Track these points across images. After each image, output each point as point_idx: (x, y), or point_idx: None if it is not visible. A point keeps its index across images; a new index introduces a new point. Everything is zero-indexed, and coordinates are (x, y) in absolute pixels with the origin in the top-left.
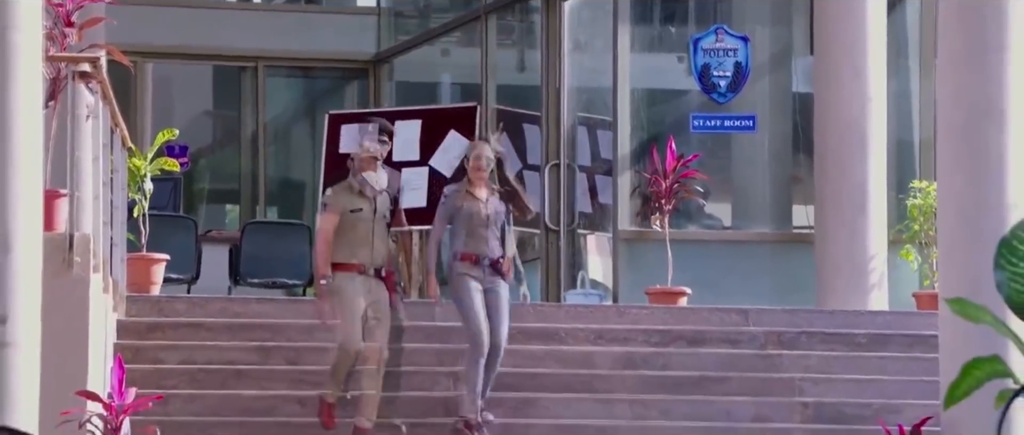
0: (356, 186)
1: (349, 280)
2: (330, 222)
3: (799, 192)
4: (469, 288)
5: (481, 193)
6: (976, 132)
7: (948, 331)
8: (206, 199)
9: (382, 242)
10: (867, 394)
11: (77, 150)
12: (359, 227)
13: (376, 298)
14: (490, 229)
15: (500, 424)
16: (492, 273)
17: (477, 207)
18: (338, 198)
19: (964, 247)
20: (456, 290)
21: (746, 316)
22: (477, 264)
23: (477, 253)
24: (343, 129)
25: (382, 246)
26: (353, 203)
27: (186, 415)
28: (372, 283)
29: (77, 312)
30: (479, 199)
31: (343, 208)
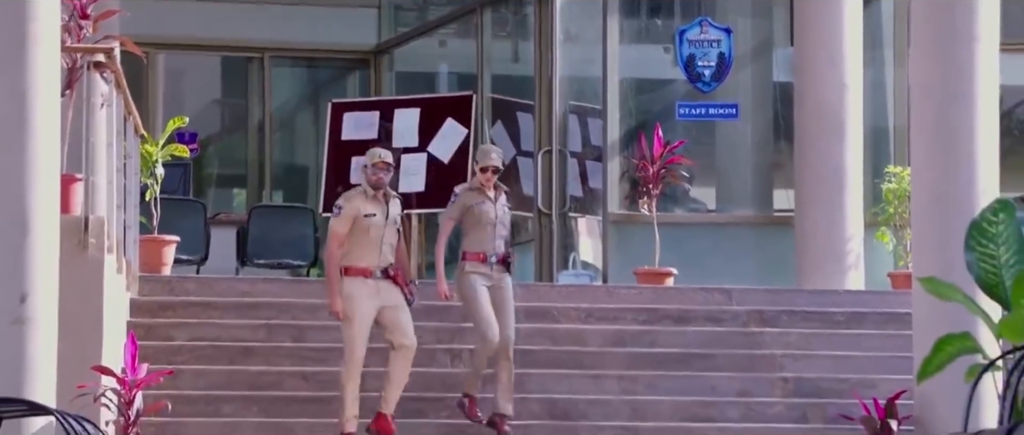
0: (369, 192)
1: (359, 285)
2: (344, 225)
3: (780, 177)
4: (477, 286)
5: (490, 194)
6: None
7: (921, 309)
8: (214, 183)
9: (391, 246)
10: (844, 369)
11: (92, 137)
12: (371, 232)
13: (388, 296)
14: (498, 228)
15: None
16: (499, 270)
17: (487, 206)
18: (352, 203)
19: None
20: (464, 288)
21: (729, 295)
22: (485, 262)
23: (485, 251)
24: (345, 117)
25: (390, 250)
26: (367, 208)
27: (195, 389)
28: (381, 284)
29: (92, 291)
30: (488, 199)
31: (357, 212)
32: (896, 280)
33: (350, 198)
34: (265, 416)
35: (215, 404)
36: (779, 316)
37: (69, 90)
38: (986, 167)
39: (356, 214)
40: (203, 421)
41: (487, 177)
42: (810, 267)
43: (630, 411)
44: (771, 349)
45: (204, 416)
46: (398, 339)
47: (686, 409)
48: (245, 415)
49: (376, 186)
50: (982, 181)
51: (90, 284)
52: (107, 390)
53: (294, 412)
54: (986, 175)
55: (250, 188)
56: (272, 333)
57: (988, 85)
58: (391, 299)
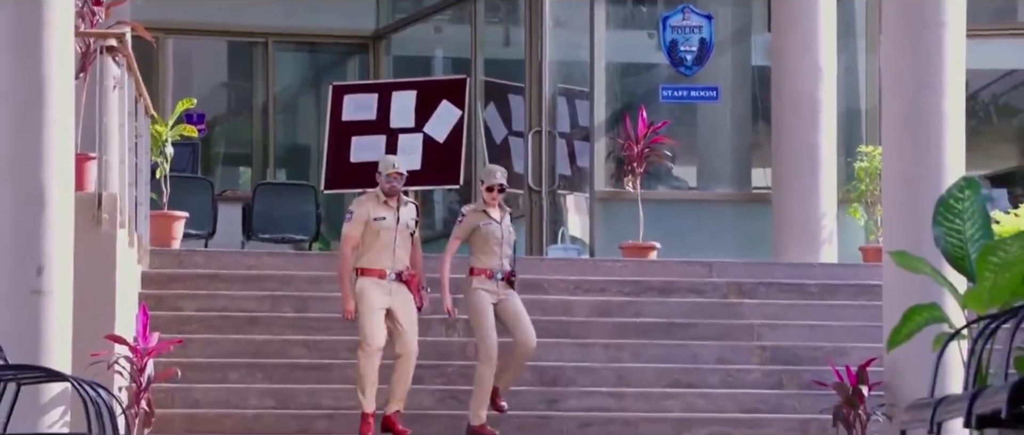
0: (381, 197)
1: (373, 284)
2: (356, 229)
3: (758, 156)
4: (483, 301)
5: (495, 213)
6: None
7: (891, 281)
8: (221, 162)
9: (404, 250)
10: (818, 338)
11: (105, 117)
12: (382, 235)
13: (399, 299)
14: (503, 247)
15: None
16: (505, 286)
17: (493, 227)
18: (364, 207)
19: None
20: (472, 301)
21: (710, 268)
22: (491, 279)
23: (491, 268)
24: (345, 99)
25: (404, 254)
26: (377, 212)
27: (204, 357)
28: (393, 286)
29: (105, 264)
30: (494, 219)
31: (368, 216)
32: (867, 254)
33: (362, 203)
34: (269, 382)
35: (222, 371)
36: (757, 288)
37: (83, 73)
38: (953, 147)
39: (367, 218)
40: (211, 387)
41: (493, 196)
42: (786, 241)
43: (616, 378)
44: (749, 319)
45: (212, 382)
46: (399, 347)
47: (669, 375)
48: (250, 382)
49: (390, 193)
50: (949, 160)
51: (103, 257)
52: (120, 358)
53: (297, 379)
54: (953, 154)
55: (255, 166)
56: (276, 304)
57: (955, 70)
58: (401, 304)
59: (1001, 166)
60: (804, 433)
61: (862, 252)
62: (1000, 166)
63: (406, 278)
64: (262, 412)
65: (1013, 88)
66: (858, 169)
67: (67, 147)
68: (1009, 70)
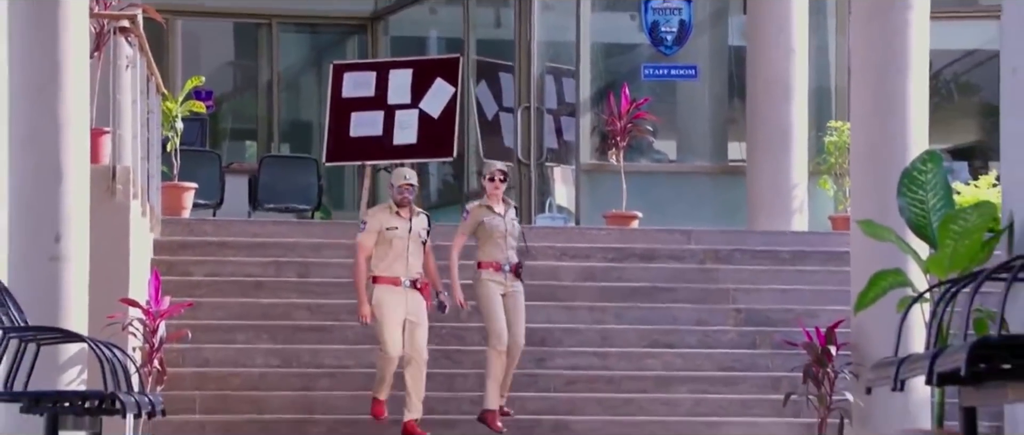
0: (393, 207)
1: (388, 292)
2: (369, 239)
3: (733, 131)
4: (492, 292)
5: (499, 208)
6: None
7: (858, 248)
8: (228, 136)
9: (416, 258)
10: (790, 301)
11: (118, 94)
12: (395, 244)
13: (413, 307)
14: (508, 240)
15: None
16: (512, 278)
17: (497, 221)
18: (376, 218)
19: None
20: (482, 293)
21: (688, 236)
22: (499, 271)
23: (498, 261)
24: (345, 76)
25: (416, 261)
26: (389, 222)
27: (212, 319)
28: (408, 293)
29: (119, 232)
30: (498, 213)
31: (380, 226)
32: (836, 222)
33: (375, 214)
34: (274, 343)
35: (230, 332)
36: (732, 254)
37: (97, 53)
38: (917, 122)
39: (380, 229)
40: (219, 347)
41: (495, 186)
42: (760, 211)
43: (600, 338)
44: (725, 283)
45: (220, 343)
46: (410, 353)
47: (649, 336)
48: (256, 342)
49: (401, 204)
50: (913, 135)
51: (118, 226)
52: (134, 320)
53: (300, 339)
54: (917, 129)
55: (260, 140)
56: (280, 269)
57: (919, 50)
58: (415, 312)
59: (962, 140)
60: (776, 390)
61: (831, 221)
62: (961, 140)
63: (420, 286)
64: (267, 371)
65: (973, 67)
66: (828, 143)
67: (83, 122)
68: (970, 50)
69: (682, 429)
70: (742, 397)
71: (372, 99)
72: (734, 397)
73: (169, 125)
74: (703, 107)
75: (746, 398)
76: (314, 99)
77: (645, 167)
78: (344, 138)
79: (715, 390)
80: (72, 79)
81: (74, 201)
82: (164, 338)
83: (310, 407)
